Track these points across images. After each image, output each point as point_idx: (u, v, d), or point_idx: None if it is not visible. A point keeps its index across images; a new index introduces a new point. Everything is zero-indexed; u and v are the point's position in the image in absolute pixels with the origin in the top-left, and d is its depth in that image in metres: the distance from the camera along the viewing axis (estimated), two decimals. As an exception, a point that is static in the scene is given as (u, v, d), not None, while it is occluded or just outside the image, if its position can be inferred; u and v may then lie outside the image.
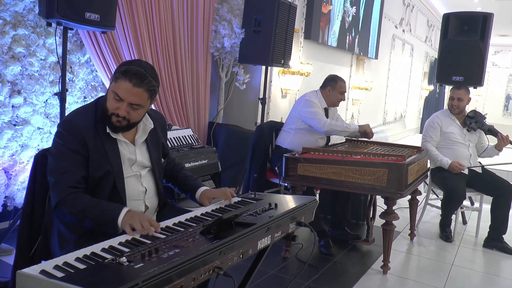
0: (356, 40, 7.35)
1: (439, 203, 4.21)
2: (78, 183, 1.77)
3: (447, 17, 4.76)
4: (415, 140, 10.05)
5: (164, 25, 3.92)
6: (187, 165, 3.36)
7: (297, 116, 3.75)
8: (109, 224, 1.68)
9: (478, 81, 4.62)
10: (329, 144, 3.89)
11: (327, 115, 3.86)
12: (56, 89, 3.22)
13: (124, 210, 1.69)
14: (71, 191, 1.74)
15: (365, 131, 3.64)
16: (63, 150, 1.78)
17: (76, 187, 1.76)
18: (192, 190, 2.13)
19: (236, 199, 2.07)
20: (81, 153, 1.78)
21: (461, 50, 4.63)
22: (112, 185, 1.85)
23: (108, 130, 1.85)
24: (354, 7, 7.08)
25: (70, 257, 1.33)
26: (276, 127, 3.98)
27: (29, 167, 2.90)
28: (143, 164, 1.99)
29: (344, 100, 3.88)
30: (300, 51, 5.66)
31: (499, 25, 9.98)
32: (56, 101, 3.28)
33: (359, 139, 3.93)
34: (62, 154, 1.78)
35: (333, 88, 3.78)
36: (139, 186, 1.96)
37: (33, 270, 1.22)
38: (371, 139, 3.83)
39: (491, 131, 4.08)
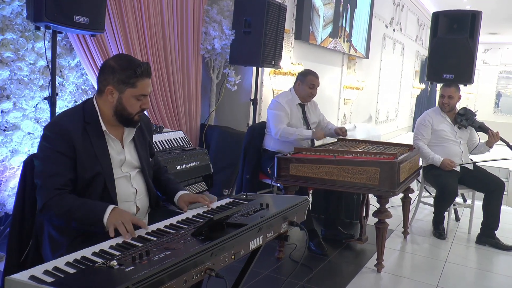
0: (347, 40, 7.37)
1: (431, 201, 4.23)
2: (65, 185, 1.76)
3: (436, 16, 4.78)
4: (407, 138, 10.10)
5: (154, 27, 3.91)
6: (178, 167, 3.35)
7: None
8: (96, 224, 1.67)
9: (468, 78, 4.65)
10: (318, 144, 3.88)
11: (304, 111, 3.84)
12: (46, 93, 3.20)
13: (109, 208, 1.69)
14: (56, 192, 1.72)
15: (318, 137, 3.66)
16: (49, 152, 1.77)
17: (63, 189, 1.74)
18: (171, 193, 2.10)
19: (227, 200, 2.07)
20: (68, 155, 1.77)
21: (451, 49, 4.66)
22: (102, 186, 1.84)
23: (102, 129, 1.87)
24: (341, 7, 7.09)
25: (60, 262, 1.32)
26: (268, 128, 3.98)
27: (19, 173, 2.88)
28: (132, 165, 1.98)
29: (315, 94, 3.82)
30: (291, 52, 5.67)
31: (488, 23, 10.06)
32: (46, 106, 3.26)
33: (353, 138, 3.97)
34: (48, 157, 1.77)
35: (302, 82, 3.76)
36: (130, 187, 1.95)
37: (22, 276, 1.21)
38: (361, 138, 3.86)
39: (481, 128, 4.11)
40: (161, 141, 3.53)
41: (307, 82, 3.74)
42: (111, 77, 1.83)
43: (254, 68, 4.71)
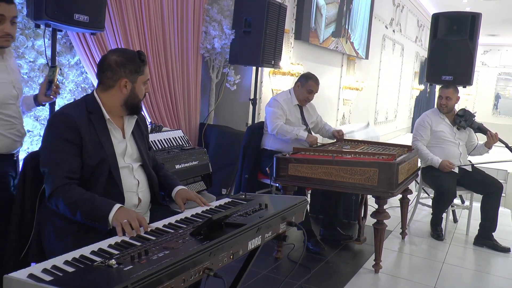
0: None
1: (430, 202, 4.24)
2: (73, 173, 1.79)
3: (436, 17, 4.79)
4: (406, 139, 10.11)
5: (154, 26, 3.91)
6: (177, 166, 3.35)
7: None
8: (100, 220, 1.71)
9: (467, 80, 4.66)
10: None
11: (302, 113, 3.85)
12: (45, 91, 3.18)
13: (116, 207, 1.71)
14: (66, 181, 1.76)
15: (311, 142, 3.67)
16: (56, 141, 1.80)
17: (71, 178, 1.78)
18: (169, 188, 2.15)
19: (226, 200, 2.08)
20: (75, 143, 1.81)
21: (450, 50, 4.67)
22: (107, 173, 1.88)
23: (105, 117, 1.93)
24: (345, 8, 7.10)
25: (59, 260, 1.32)
26: (267, 127, 3.98)
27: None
28: (133, 156, 2.03)
29: (311, 99, 3.85)
30: (290, 52, 5.67)
31: (488, 25, 10.07)
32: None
33: (350, 139, 3.99)
34: (55, 146, 1.80)
35: (302, 85, 3.78)
36: (132, 178, 1.99)
37: (20, 274, 1.21)
38: (360, 139, 3.87)
39: (480, 129, 4.12)
40: (160, 140, 3.53)
41: (306, 87, 3.76)
42: (122, 70, 1.91)
43: (254, 68, 4.71)
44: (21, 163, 2.17)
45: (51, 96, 2.41)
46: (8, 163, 2.23)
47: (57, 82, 2.43)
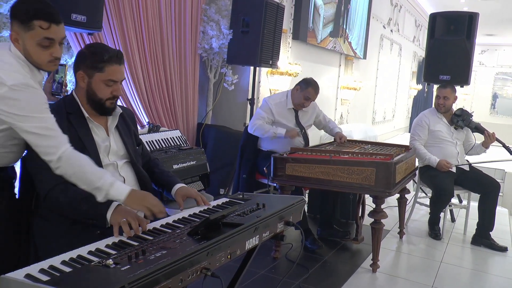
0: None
1: (427, 201, 4.25)
2: None
3: (433, 17, 4.80)
4: (404, 139, 10.12)
5: (152, 26, 3.91)
6: (175, 166, 3.35)
7: None
8: (98, 218, 1.71)
9: (464, 80, 4.66)
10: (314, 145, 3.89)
11: (297, 117, 3.84)
12: (43, 91, 3.18)
13: (114, 205, 1.72)
14: (59, 180, 1.75)
15: (291, 136, 3.66)
16: None
17: (62, 176, 1.76)
18: (168, 185, 2.14)
19: (224, 199, 2.08)
20: None
21: (447, 50, 4.68)
22: None
23: (85, 115, 1.92)
24: (342, 7, 7.10)
25: (56, 260, 1.32)
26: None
27: (17, 169, 2.86)
28: (118, 154, 2.01)
29: (306, 106, 3.80)
30: (288, 52, 5.67)
31: (485, 25, 10.09)
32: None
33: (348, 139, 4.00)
34: None
35: (301, 89, 3.73)
36: (117, 175, 1.97)
37: (17, 274, 1.21)
38: (358, 139, 3.85)
39: (478, 128, 4.13)
40: (158, 140, 3.53)
41: (305, 93, 3.70)
42: (82, 62, 1.89)
43: (252, 68, 4.71)
44: (19, 163, 2.17)
45: (60, 96, 2.34)
46: (8, 171, 2.22)
47: (66, 82, 2.36)
